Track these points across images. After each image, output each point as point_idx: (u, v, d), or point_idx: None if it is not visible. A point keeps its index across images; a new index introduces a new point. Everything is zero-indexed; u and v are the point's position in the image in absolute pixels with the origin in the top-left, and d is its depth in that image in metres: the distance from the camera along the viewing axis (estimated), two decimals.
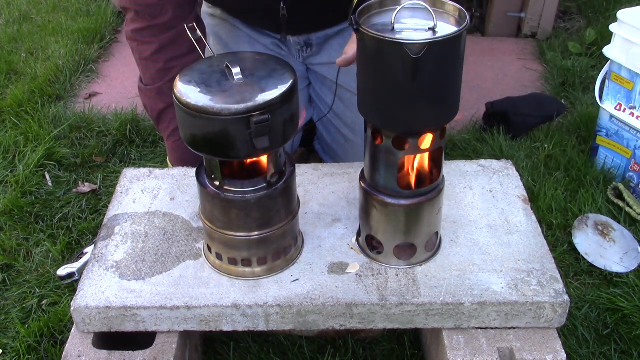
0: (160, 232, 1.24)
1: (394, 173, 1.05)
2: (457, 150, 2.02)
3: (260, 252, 1.12)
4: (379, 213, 1.10)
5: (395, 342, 1.39)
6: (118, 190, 1.35)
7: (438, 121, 1.00)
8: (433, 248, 1.17)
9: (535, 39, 2.77)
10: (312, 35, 1.58)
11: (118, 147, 2.08)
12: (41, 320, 1.43)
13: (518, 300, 1.09)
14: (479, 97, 2.30)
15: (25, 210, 1.78)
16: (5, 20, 2.95)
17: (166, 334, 1.13)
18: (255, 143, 0.96)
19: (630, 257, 1.58)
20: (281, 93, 0.97)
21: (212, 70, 1.02)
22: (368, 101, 1.01)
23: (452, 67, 0.95)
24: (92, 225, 1.72)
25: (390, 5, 1.00)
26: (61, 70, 2.50)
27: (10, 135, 2.08)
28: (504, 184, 1.34)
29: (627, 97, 1.78)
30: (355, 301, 1.09)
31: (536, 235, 1.22)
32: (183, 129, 1.01)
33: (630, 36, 1.72)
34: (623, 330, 1.40)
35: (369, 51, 0.94)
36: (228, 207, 1.07)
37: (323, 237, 1.22)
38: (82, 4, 3.07)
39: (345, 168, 1.40)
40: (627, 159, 1.83)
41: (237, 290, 1.11)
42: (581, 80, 2.38)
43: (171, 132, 1.51)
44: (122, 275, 1.15)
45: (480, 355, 1.08)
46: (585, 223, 1.66)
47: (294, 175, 1.11)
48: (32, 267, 1.60)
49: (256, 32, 1.60)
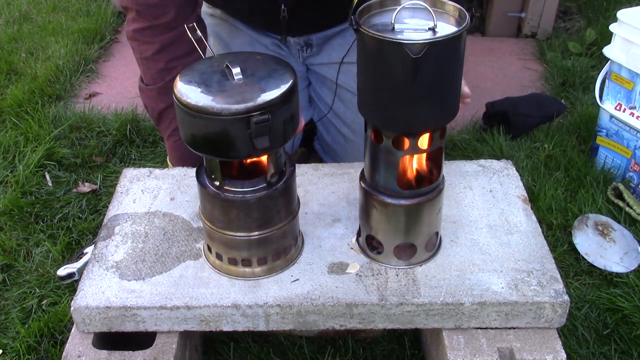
0: (160, 232, 1.24)
1: (394, 173, 1.05)
2: (457, 150, 2.02)
3: (260, 252, 1.12)
4: (379, 213, 1.10)
5: (395, 342, 1.39)
6: (118, 190, 1.35)
7: (438, 121, 1.00)
8: (433, 248, 1.17)
9: (535, 39, 2.77)
10: (313, 36, 1.58)
11: (118, 147, 2.08)
12: (41, 320, 1.43)
13: (518, 300, 1.08)
14: (479, 97, 2.30)
15: (25, 210, 1.78)
16: (5, 20, 2.95)
17: (166, 334, 1.13)
18: (255, 143, 0.96)
19: (630, 257, 1.58)
20: (281, 93, 0.97)
21: (212, 70, 1.02)
22: (368, 101, 1.01)
23: (452, 67, 0.95)
24: (92, 225, 1.72)
25: (390, 5, 1.00)
26: (61, 70, 2.50)
27: (10, 135, 2.08)
28: (504, 184, 1.34)
29: (627, 97, 1.78)
30: (355, 301, 1.09)
31: (536, 235, 1.22)
32: (183, 129, 1.01)
33: (630, 36, 1.72)
34: (623, 330, 1.40)
35: (369, 51, 0.94)
36: (228, 207, 1.07)
37: (323, 237, 1.22)
38: (82, 4, 3.07)
39: (345, 168, 1.40)
40: (627, 159, 1.83)
41: (237, 290, 1.11)
42: (581, 80, 2.38)
43: (171, 132, 1.51)
44: (122, 275, 1.15)
45: (480, 355, 1.08)
46: (585, 223, 1.66)
47: (294, 175, 1.11)
48: (32, 267, 1.60)
49: (256, 32, 1.60)
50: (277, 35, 1.59)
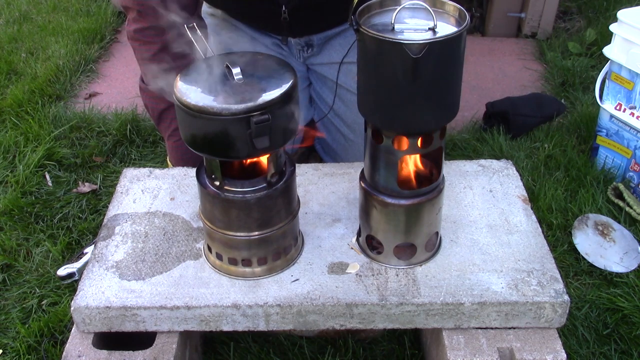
0: (160, 232, 1.24)
1: (394, 173, 1.05)
2: (457, 150, 2.02)
3: (260, 252, 1.12)
4: (379, 213, 1.10)
5: (395, 342, 1.38)
6: (118, 190, 1.35)
7: (438, 121, 1.00)
8: (433, 248, 1.17)
9: (535, 39, 2.77)
10: (314, 36, 1.58)
11: (118, 147, 2.08)
12: (41, 320, 1.43)
13: (518, 300, 1.08)
14: (479, 97, 2.30)
15: (25, 210, 1.78)
16: (5, 20, 2.95)
17: (166, 334, 1.13)
18: (255, 143, 0.96)
19: (630, 257, 1.58)
20: (281, 93, 0.97)
21: (212, 70, 1.02)
22: (368, 101, 1.01)
23: (452, 67, 0.95)
24: (92, 225, 1.72)
25: (390, 5, 1.00)
26: (61, 70, 2.50)
27: (10, 135, 2.08)
28: (504, 184, 1.34)
29: (627, 97, 1.78)
30: (355, 301, 1.09)
31: (536, 235, 1.22)
32: (183, 129, 1.01)
33: (630, 36, 1.72)
34: (623, 330, 1.40)
35: (369, 51, 0.94)
36: (228, 207, 1.07)
37: (323, 237, 1.22)
38: (82, 4, 3.07)
39: (345, 168, 1.40)
40: (627, 159, 1.83)
41: (237, 290, 1.11)
42: (581, 80, 2.38)
43: (172, 132, 1.51)
44: (122, 275, 1.15)
45: (480, 355, 1.08)
46: (585, 223, 1.66)
47: (294, 175, 1.11)
48: (32, 267, 1.60)
49: (257, 32, 1.60)
50: (278, 36, 1.59)
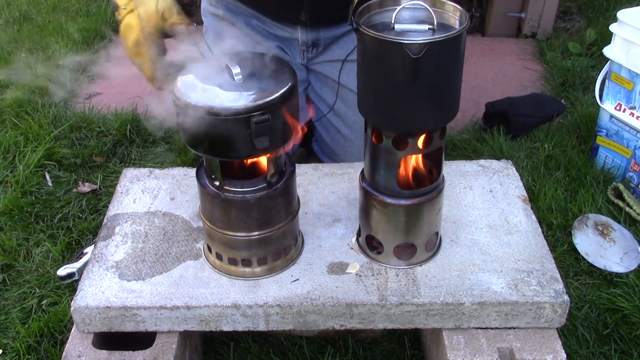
0: (160, 232, 1.24)
1: (394, 173, 1.05)
2: (457, 150, 2.02)
3: (260, 252, 1.12)
4: (379, 213, 1.10)
5: (395, 342, 1.38)
6: (118, 190, 1.35)
7: (438, 121, 1.00)
8: (433, 248, 1.17)
9: (535, 39, 2.77)
10: (322, 33, 1.56)
11: (118, 147, 2.08)
12: (41, 320, 1.43)
13: (518, 300, 1.08)
14: (479, 97, 2.30)
15: (25, 210, 1.78)
16: (5, 20, 2.95)
17: (166, 334, 1.13)
18: (255, 143, 0.97)
19: (630, 257, 1.58)
20: (281, 93, 0.97)
21: (212, 70, 1.02)
22: (368, 101, 1.01)
23: (452, 67, 0.95)
24: (92, 225, 1.72)
25: (390, 5, 1.00)
26: (61, 70, 2.50)
27: (10, 135, 2.08)
28: (504, 184, 1.34)
29: (627, 97, 1.78)
30: (355, 301, 1.09)
31: (536, 235, 1.22)
32: (183, 129, 1.01)
33: (630, 36, 1.72)
34: (623, 330, 1.40)
35: (369, 51, 0.94)
36: (228, 207, 1.07)
37: (323, 237, 1.22)
38: (82, 4, 3.07)
39: (345, 168, 1.40)
40: (627, 159, 1.83)
41: (237, 290, 1.11)
42: (581, 80, 2.38)
43: None
44: (122, 275, 1.15)
45: (480, 355, 1.08)
46: (585, 223, 1.66)
47: (294, 175, 1.11)
48: (32, 267, 1.60)
49: (259, 34, 1.59)
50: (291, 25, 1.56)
